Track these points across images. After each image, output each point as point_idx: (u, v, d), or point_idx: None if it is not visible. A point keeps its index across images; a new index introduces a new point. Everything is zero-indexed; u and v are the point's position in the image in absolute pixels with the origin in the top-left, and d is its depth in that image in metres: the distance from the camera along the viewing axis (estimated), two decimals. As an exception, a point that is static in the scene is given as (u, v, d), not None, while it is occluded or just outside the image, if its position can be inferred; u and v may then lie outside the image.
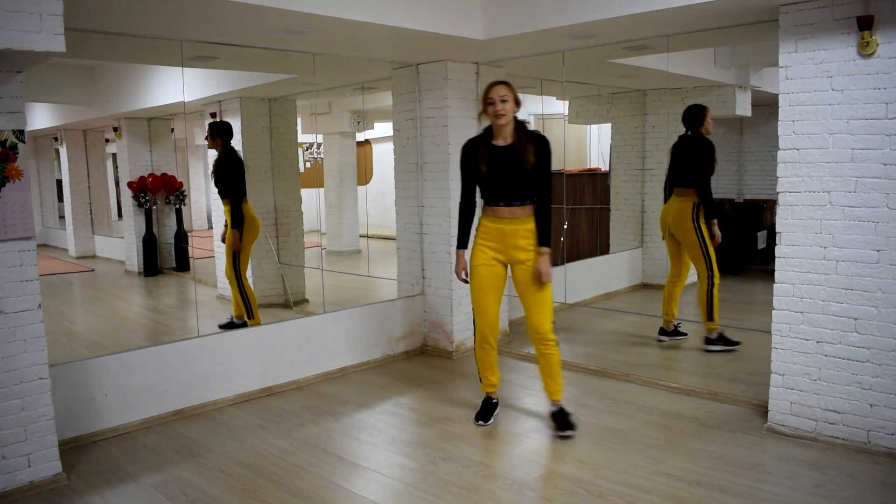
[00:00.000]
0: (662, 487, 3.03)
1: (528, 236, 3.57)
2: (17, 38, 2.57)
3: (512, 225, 3.55)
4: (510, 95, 3.48)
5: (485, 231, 3.63)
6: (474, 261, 3.66)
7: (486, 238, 3.61)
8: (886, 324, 3.22)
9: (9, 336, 3.07)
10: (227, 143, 5.46)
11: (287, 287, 6.62)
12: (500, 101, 3.46)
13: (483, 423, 3.83)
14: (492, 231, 3.59)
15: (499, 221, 3.57)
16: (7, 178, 3.05)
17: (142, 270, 7.68)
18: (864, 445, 3.32)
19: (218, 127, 5.48)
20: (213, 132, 5.46)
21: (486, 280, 3.64)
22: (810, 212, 3.40)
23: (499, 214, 3.57)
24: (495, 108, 3.47)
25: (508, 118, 3.49)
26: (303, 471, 3.33)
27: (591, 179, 7.86)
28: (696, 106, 5.12)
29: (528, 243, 3.57)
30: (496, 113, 3.47)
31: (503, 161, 3.52)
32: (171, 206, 7.73)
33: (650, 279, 7.29)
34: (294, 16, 3.54)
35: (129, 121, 7.62)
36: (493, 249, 3.61)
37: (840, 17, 3.22)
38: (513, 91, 3.50)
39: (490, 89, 3.50)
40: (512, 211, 3.54)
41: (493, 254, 3.62)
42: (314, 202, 7.61)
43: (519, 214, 3.55)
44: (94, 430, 3.75)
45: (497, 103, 3.46)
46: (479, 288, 3.66)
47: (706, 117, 5.07)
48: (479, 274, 3.65)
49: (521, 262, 3.58)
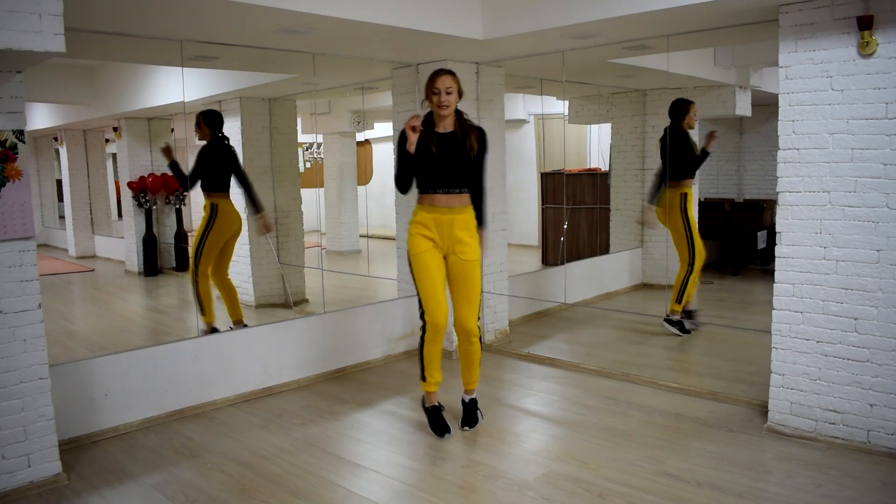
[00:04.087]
0: (662, 487, 3.03)
1: (465, 227, 3.56)
2: (17, 38, 2.57)
3: (448, 214, 3.52)
4: (455, 86, 3.48)
5: (420, 219, 3.57)
6: (416, 248, 3.56)
7: (423, 227, 3.56)
8: (886, 324, 3.22)
9: (9, 336, 3.07)
10: (215, 133, 5.25)
11: (287, 287, 6.62)
12: (444, 93, 3.46)
13: (447, 435, 3.65)
14: (429, 221, 3.54)
15: (435, 210, 3.53)
16: (7, 178, 3.05)
17: (142, 270, 7.67)
18: (864, 445, 3.32)
19: (205, 116, 5.25)
20: (199, 121, 5.24)
21: (432, 266, 3.55)
22: (810, 212, 3.40)
23: (435, 203, 3.52)
24: (440, 99, 3.47)
25: (451, 109, 3.51)
26: (303, 471, 3.33)
27: (591, 179, 7.85)
28: (681, 100, 5.41)
29: (467, 235, 3.56)
30: (440, 103, 3.47)
31: (445, 148, 3.51)
32: (171, 206, 7.72)
33: (650, 279, 7.29)
34: (294, 16, 3.54)
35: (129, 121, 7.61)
36: (430, 239, 3.56)
37: (840, 17, 3.22)
38: (457, 82, 3.50)
39: (436, 79, 3.48)
40: (449, 199, 3.52)
41: (431, 244, 3.56)
42: (314, 202, 7.60)
43: (455, 203, 3.53)
44: (94, 430, 3.76)
45: (442, 94, 3.46)
46: (428, 274, 3.54)
47: (689, 111, 5.34)
48: (423, 261, 3.55)
49: (458, 253, 3.56)
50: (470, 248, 3.57)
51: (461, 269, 3.58)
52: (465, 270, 3.58)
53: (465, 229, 3.56)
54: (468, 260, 3.57)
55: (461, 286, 3.61)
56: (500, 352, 5.30)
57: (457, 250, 3.55)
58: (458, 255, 3.56)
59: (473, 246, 3.59)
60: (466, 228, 3.56)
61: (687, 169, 5.37)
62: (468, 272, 3.58)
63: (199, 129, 5.28)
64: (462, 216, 3.55)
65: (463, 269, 3.57)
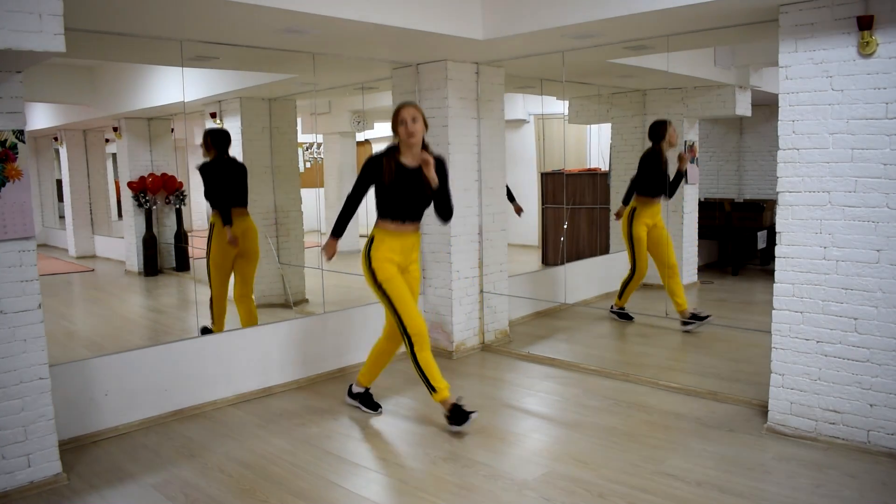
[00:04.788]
0: (662, 487, 3.03)
1: (416, 249, 3.93)
2: (17, 38, 2.57)
3: (412, 239, 3.85)
4: (420, 116, 3.68)
5: (388, 246, 3.78)
6: (387, 273, 3.76)
7: (391, 252, 3.78)
8: (886, 324, 3.22)
9: (9, 336, 3.07)
10: (220, 153, 5.13)
11: (287, 287, 6.62)
12: (411, 121, 3.64)
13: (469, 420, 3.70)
14: (395, 245, 3.78)
15: (402, 237, 3.79)
16: (7, 178, 3.05)
17: (142, 270, 7.67)
18: (864, 445, 3.32)
19: (213, 135, 5.15)
20: (206, 141, 5.12)
21: (404, 285, 3.80)
22: (810, 212, 3.40)
23: (403, 230, 3.79)
24: (407, 129, 3.64)
25: (418, 139, 3.69)
26: (303, 471, 3.33)
27: (591, 179, 7.85)
28: (659, 121, 5.69)
29: (414, 255, 3.92)
30: (409, 132, 3.64)
31: (413, 183, 3.71)
32: (170, 206, 7.72)
33: (650, 279, 7.27)
34: (294, 16, 3.54)
35: (129, 121, 7.61)
36: (395, 262, 3.80)
37: (840, 17, 3.22)
38: (421, 112, 3.71)
39: (401, 110, 3.68)
40: (415, 226, 3.83)
41: (396, 266, 3.81)
42: (314, 202, 7.60)
43: (416, 229, 3.86)
44: (94, 430, 3.76)
45: (408, 123, 3.64)
46: (404, 292, 3.78)
47: (668, 131, 5.61)
48: (397, 283, 3.77)
49: (411, 270, 3.91)
50: (417, 266, 3.98)
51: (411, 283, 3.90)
52: (414, 285, 3.92)
53: (415, 250, 3.92)
54: (417, 277, 3.98)
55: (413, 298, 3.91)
56: (500, 352, 5.30)
57: (410, 268, 3.90)
58: (411, 272, 3.90)
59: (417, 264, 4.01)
60: (415, 248, 3.93)
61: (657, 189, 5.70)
62: (415, 286, 3.94)
63: (206, 150, 5.15)
64: (418, 237, 3.92)
65: (412, 284, 3.90)
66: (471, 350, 5.29)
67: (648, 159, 5.69)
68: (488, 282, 5.42)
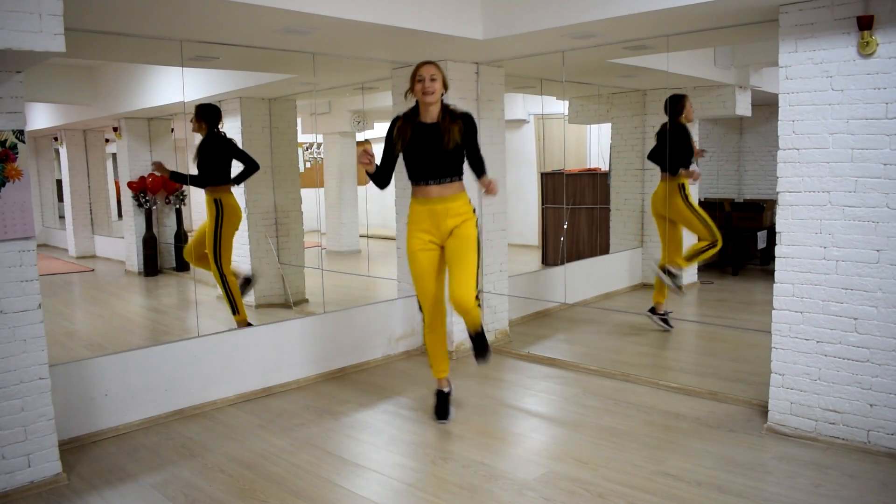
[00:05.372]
0: (662, 487, 3.03)
1: (458, 213, 3.60)
2: (17, 38, 2.57)
3: (442, 203, 3.59)
4: (439, 75, 3.55)
5: (417, 215, 3.64)
6: (411, 247, 3.68)
7: (419, 222, 3.63)
8: (886, 324, 3.22)
9: (9, 336, 3.07)
10: (211, 128, 5.26)
11: (287, 287, 6.62)
12: (429, 80, 3.51)
13: (443, 421, 3.83)
14: (423, 213, 3.61)
15: (429, 202, 3.60)
16: (7, 178, 3.05)
17: (142, 270, 7.68)
18: (864, 445, 3.32)
19: (203, 109, 5.27)
20: (197, 115, 5.24)
21: (426, 265, 3.67)
22: (810, 212, 3.40)
23: (429, 194, 3.60)
24: (423, 86, 3.51)
25: (436, 98, 3.55)
26: (303, 471, 3.33)
27: (591, 179, 7.85)
28: (676, 95, 5.48)
29: (461, 219, 3.61)
30: (424, 90, 3.51)
31: (428, 139, 3.55)
32: (170, 206, 7.73)
33: (650, 279, 7.28)
34: (294, 16, 3.54)
35: (129, 121, 7.62)
36: (426, 232, 3.64)
37: (840, 16, 3.22)
38: (441, 72, 3.57)
39: (420, 67, 3.55)
40: (441, 189, 3.59)
41: (427, 237, 3.65)
42: (314, 202, 7.60)
43: (447, 192, 3.59)
44: (94, 430, 3.76)
45: (426, 81, 3.51)
46: (419, 274, 3.68)
47: (686, 105, 5.42)
48: (417, 260, 3.67)
49: (451, 231, 3.60)
50: (468, 226, 3.61)
51: (454, 246, 3.60)
52: (458, 247, 3.59)
53: (458, 216, 3.61)
54: (463, 237, 3.60)
55: (455, 262, 3.61)
56: (500, 352, 5.30)
57: (456, 232, 3.61)
58: (453, 236, 3.60)
59: (468, 224, 3.63)
60: (459, 215, 3.61)
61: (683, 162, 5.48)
62: (461, 248, 3.59)
63: (196, 123, 5.27)
64: (455, 203, 3.61)
65: (456, 247, 3.59)
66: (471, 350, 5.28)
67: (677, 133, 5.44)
68: (488, 282, 5.42)
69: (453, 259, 3.62)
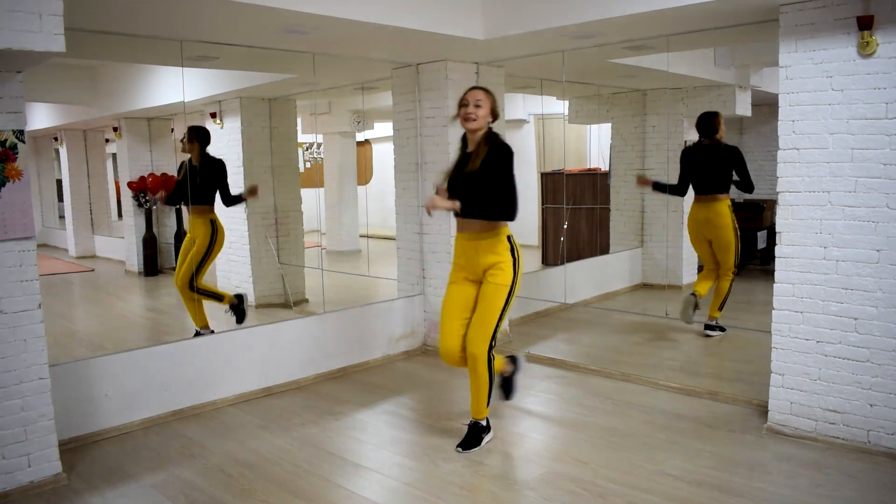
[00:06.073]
0: (662, 487, 3.03)
1: (491, 250, 3.30)
2: (17, 38, 2.57)
3: (474, 241, 3.32)
4: (486, 102, 3.29)
5: (455, 248, 3.45)
6: (450, 278, 3.50)
7: (457, 256, 3.44)
8: (886, 324, 3.22)
9: (9, 336, 3.07)
10: (203, 149, 5.19)
11: (287, 287, 6.62)
12: (473, 105, 3.27)
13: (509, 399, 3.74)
14: (459, 247, 3.41)
15: (462, 236, 3.38)
16: (7, 178, 3.05)
17: (142, 270, 7.67)
18: (864, 445, 3.32)
19: (197, 131, 5.20)
20: (191, 136, 5.16)
21: (454, 298, 3.44)
22: (810, 212, 3.40)
23: (461, 228, 3.39)
24: (466, 111, 3.28)
25: (478, 125, 3.28)
26: (303, 471, 3.33)
27: (591, 179, 7.85)
28: (710, 113, 5.28)
29: (496, 258, 3.31)
30: (465, 116, 3.28)
31: (463, 169, 3.33)
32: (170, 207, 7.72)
33: (650, 279, 7.29)
34: (294, 16, 3.54)
35: (129, 121, 7.61)
36: (462, 268, 3.43)
37: (840, 17, 3.22)
38: (491, 98, 3.32)
39: (467, 92, 3.35)
40: (471, 224, 3.31)
41: (463, 273, 3.43)
42: (314, 202, 7.60)
43: (477, 227, 3.30)
44: (94, 430, 3.76)
45: (470, 106, 3.28)
46: (445, 306, 3.47)
47: (721, 123, 5.24)
48: (447, 292, 3.48)
49: (488, 278, 3.34)
50: (500, 273, 3.31)
51: (483, 292, 3.37)
52: (486, 293, 3.35)
53: (492, 253, 3.31)
54: (493, 283, 3.33)
55: (478, 307, 3.39)
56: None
57: (487, 276, 3.35)
58: (486, 280, 3.35)
59: (502, 268, 3.32)
60: (493, 252, 3.31)
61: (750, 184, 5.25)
62: (487, 294, 3.34)
63: (189, 144, 5.18)
64: (486, 242, 3.30)
65: (484, 292, 3.36)
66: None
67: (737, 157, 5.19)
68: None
69: (478, 303, 3.39)
